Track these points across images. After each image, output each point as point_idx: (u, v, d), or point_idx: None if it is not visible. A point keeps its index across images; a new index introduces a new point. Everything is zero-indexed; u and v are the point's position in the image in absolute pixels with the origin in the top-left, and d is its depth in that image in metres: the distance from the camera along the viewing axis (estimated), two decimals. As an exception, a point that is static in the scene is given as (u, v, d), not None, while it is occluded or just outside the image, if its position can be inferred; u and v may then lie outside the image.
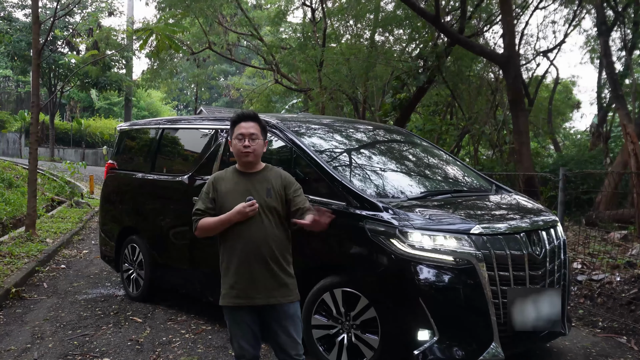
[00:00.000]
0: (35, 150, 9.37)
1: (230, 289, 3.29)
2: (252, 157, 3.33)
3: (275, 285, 3.25)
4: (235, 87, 30.98)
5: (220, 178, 3.41)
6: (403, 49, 15.70)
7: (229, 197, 3.29)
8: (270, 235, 3.26)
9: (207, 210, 3.34)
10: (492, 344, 3.84)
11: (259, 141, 3.36)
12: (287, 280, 3.30)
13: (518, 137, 10.33)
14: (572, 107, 24.21)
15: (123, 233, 6.66)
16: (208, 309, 5.91)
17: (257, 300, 3.24)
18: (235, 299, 3.27)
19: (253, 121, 3.39)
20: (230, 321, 3.35)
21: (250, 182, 3.34)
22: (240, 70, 46.73)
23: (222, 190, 3.34)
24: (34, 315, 5.83)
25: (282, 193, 3.33)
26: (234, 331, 3.35)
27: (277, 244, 3.29)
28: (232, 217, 3.20)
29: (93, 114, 47.15)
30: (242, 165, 3.40)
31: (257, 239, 3.23)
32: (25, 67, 32.31)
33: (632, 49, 13.69)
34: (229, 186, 3.35)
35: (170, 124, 6.61)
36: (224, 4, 16.34)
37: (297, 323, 3.35)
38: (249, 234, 3.23)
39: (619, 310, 5.83)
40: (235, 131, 3.37)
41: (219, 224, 3.25)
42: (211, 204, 3.35)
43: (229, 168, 3.49)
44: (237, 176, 3.39)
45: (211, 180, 3.42)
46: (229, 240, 3.30)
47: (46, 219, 11.21)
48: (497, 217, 4.42)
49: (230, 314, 3.34)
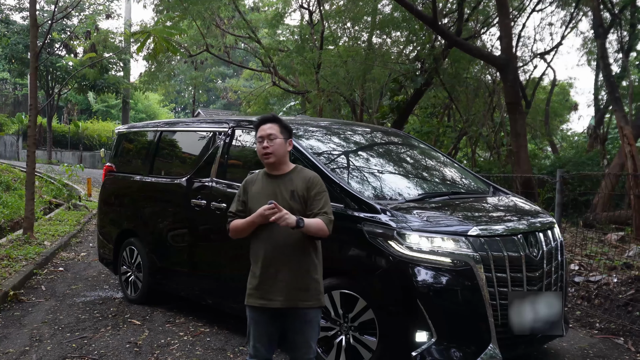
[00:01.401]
0: (32, 153, 9.35)
1: (254, 290, 3.33)
2: (272, 158, 3.34)
3: (298, 289, 3.26)
4: (233, 90, 30.97)
5: (250, 181, 3.46)
6: (400, 52, 15.74)
7: (258, 200, 3.32)
8: (294, 239, 3.26)
9: (238, 213, 3.41)
10: (490, 346, 3.85)
11: (278, 141, 3.35)
12: (310, 285, 3.30)
13: (515, 139, 10.36)
14: (569, 109, 24.28)
15: (121, 236, 6.66)
16: (206, 311, 5.91)
17: (277, 303, 3.26)
18: (258, 300, 3.30)
19: (271, 122, 3.41)
20: (251, 321, 3.38)
21: (277, 185, 3.36)
22: (238, 72, 46.70)
23: (252, 193, 3.39)
24: (32, 318, 5.83)
25: (305, 195, 3.34)
26: (253, 331, 3.37)
27: (301, 247, 3.29)
28: (255, 220, 3.23)
29: (91, 116, 47.13)
30: (268, 168, 3.43)
31: (282, 242, 3.26)
32: (23, 70, 32.29)
33: (628, 51, 13.70)
34: (258, 189, 3.39)
35: (168, 126, 6.62)
36: (222, 7, 16.36)
37: (314, 328, 3.37)
38: (274, 237, 3.27)
39: (616, 311, 5.85)
40: (257, 135, 3.41)
41: (247, 225, 3.30)
42: (242, 206, 3.41)
43: (260, 171, 3.51)
44: (266, 179, 3.42)
45: (243, 184, 3.49)
46: (256, 242, 3.35)
47: (44, 222, 11.20)
48: (494, 219, 4.44)
49: (252, 313, 3.37)
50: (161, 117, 47.09)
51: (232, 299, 5.20)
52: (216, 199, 5.23)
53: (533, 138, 18.81)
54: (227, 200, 5.14)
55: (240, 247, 5.01)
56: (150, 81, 21.27)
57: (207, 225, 5.42)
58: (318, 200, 3.32)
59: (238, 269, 5.10)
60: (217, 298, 5.41)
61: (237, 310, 5.21)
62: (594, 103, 17.60)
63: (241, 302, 3.31)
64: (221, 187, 5.27)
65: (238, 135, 5.43)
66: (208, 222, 5.38)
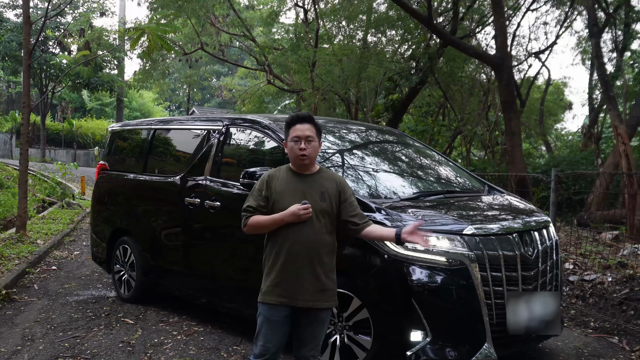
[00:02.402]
0: (26, 151, 9.30)
1: (274, 287, 3.26)
2: (307, 160, 3.29)
3: (318, 289, 3.25)
4: (227, 88, 30.92)
5: (274, 176, 3.37)
6: (395, 50, 15.73)
7: (284, 197, 3.26)
8: (320, 239, 3.25)
9: (259, 208, 3.31)
10: (485, 345, 3.84)
11: (314, 144, 3.31)
12: (330, 286, 3.30)
13: (510, 138, 10.37)
14: (563, 108, 24.34)
15: (115, 234, 6.62)
16: (200, 310, 5.88)
17: (299, 302, 3.23)
18: (278, 297, 3.24)
19: (309, 123, 3.33)
20: (264, 319, 3.29)
21: (306, 184, 3.31)
22: (233, 71, 46.67)
23: (277, 189, 3.30)
24: (24, 317, 5.78)
25: (337, 198, 3.32)
26: (264, 329, 3.29)
27: (326, 248, 3.28)
28: (286, 218, 3.19)
29: (84, 114, 46.92)
30: (298, 167, 3.36)
31: (307, 241, 3.22)
32: (16, 68, 32.08)
33: (623, 51, 13.76)
34: (283, 185, 3.31)
35: (162, 124, 6.59)
36: (216, 5, 16.29)
37: (324, 327, 3.39)
38: (300, 236, 3.22)
39: (610, 310, 5.86)
40: (291, 133, 3.32)
41: (272, 222, 3.24)
42: (264, 202, 3.31)
43: (283, 167, 3.44)
44: (291, 176, 3.35)
45: (264, 178, 3.37)
46: (279, 239, 3.27)
47: (37, 220, 11.14)
48: (489, 217, 4.43)
49: (267, 311, 3.29)
50: (155, 115, 46.91)
51: (226, 298, 5.18)
52: (210, 198, 5.20)
53: (527, 137, 18.86)
54: (221, 198, 5.12)
55: (235, 246, 5.02)
56: (145, 79, 21.20)
57: (201, 223, 5.39)
58: (352, 202, 3.37)
59: (232, 268, 5.11)
60: (211, 297, 5.38)
61: (231, 309, 5.20)
62: (589, 102, 17.65)
63: (235, 301, 3.28)
64: (215, 185, 5.25)
65: (232, 133, 5.40)
66: (202, 220, 5.35)
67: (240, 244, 4.87)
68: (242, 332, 5.22)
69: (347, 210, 3.35)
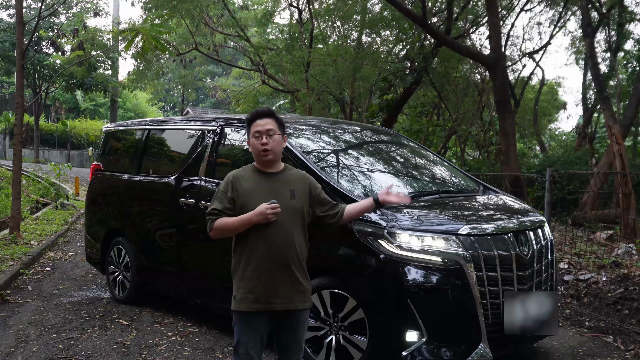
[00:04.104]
0: (19, 152, 9.26)
1: (247, 294, 3.13)
2: (271, 155, 3.20)
3: (295, 291, 3.16)
4: (222, 88, 30.82)
5: (239, 177, 3.24)
6: (390, 50, 15.75)
7: (251, 197, 3.14)
8: (294, 239, 3.16)
9: (225, 210, 3.17)
10: (481, 345, 3.84)
11: (276, 137, 3.21)
12: (306, 286, 3.23)
13: (504, 138, 10.39)
14: (557, 108, 24.42)
15: (109, 235, 6.59)
16: (195, 311, 5.87)
17: (276, 306, 3.12)
18: (254, 304, 3.12)
19: (269, 117, 3.24)
20: (242, 327, 3.18)
21: (273, 183, 3.22)
22: (227, 71, 46.57)
23: (244, 190, 3.18)
24: (18, 318, 5.75)
25: (307, 195, 3.27)
26: (244, 338, 3.17)
27: (300, 248, 3.20)
28: (253, 218, 3.06)
29: (78, 115, 46.75)
30: (263, 165, 3.26)
31: (281, 242, 3.12)
32: (10, 68, 31.98)
33: (616, 51, 13.81)
34: (250, 186, 3.20)
35: (156, 124, 6.57)
36: (211, 5, 16.27)
37: (305, 329, 3.32)
38: (272, 238, 3.11)
39: (605, 309, 5.87)
40: (252, 129, 3.22)
41: (239, 224, 3.11)
42: (230, 203, 3.18)
43: (248, 166, 3.34)
44: (257, 175, 3.25)
45: (229, 179, 3.24)
46: (249, 243, 3.15)
47: (31, 221, 11.08)
48: (484, 217, 4.43)
49: (243, 319, 3.17)
50: (150, 115, 46.79)
51: (221, 299, 5.16)
52: (205, 198, 5.18)
53: (522, 137, 18.91)
54: (216, 199, 5.09)
55: (229, 247, 4.99)
56: (139, 80, 21.12)
57: (196, 224, 5.37)
58: (323, 197, 3.36)
59: (227, 269, 5.08)
60: (206, 298, 5.37)
61: (226, 310, 5.17)
62: (582, 102, 17.72)
63: (229, 301, 3.23)
64: (210, 185, 5.23)
65: (227, 133, 5.39)
66: (196, 221, 5.33)
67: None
68: (237, 333, 5.20)
69: (320, 205, 3.31)
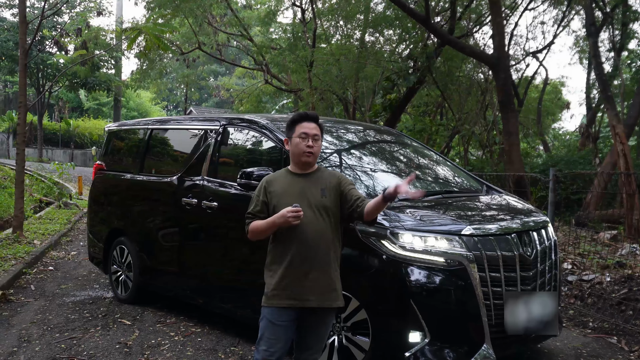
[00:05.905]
0: (22, 151, 9.27)
1: (281, 290, 3.18)
2: (312, 158, 3.27)
3: (328, 288, 3.21)
4: (225, 88, 30.83)
5: (272, 180, 3.33)
6: (393, 50, 15.73)
7: (282, 198, 3.21)
8: (326, 237, 3.21)
9: (257, 214, 3.26)
10: (484, 346, 3.82)
11: (320, 143, 3.31)
12: (338, 285, 3.27)
13: (508, 138, 10.36)
14: (561, 107, 24.36)
15: (111, 235, 6.59)
16: (197, 311, 5.86)
17: (310, 303, 3.17)
18: (287, 300, 3.17)
19: (315, 122, 3.31)
20: (269, 323, 3.20)
21: (305, 183, 3.27)
22: (230, 70, 46.55)
23: (276, 191, 3.25)
24: (20, 318, 5.75)
25: (337, 190, 3.28)
26: (268, 334, 3.20)
27: (333, 246, 3.25)
28: (276, 221, 3.11)
29: (82, 114, 46.85)
30: (300, 166, 3.31)
31: (314, 240, 3.17)
32: (13, 67, 31.97)
33: (620, 50, 13.75)
34: (282, 187, 3.27)
35: (159, 124, 6.56)
36: (214, 4, 16.26)
37: (328, 330, 3.36)
38: (306, 235, 3.15)
39: (609, 310, 5.85)
40: (297, 130, 3.27)
41: (267, 226, 3.18)
42: (262, 207, 3.26)
43: (281, 170, 3.41)
44: (290, 177, 3.32)
45: (262, 183, 3.33)
46: (283, 241, 3.22)
47: (34, 221, 11.09)
48: (488, 217, 4.41)
49: (272, 315, 3.20)
50: (153, 115, 46.82)
51: (223, 299, 5.16)
52: (207, 198, 5.17)
53: (525, 137, 18.85)
54: (218, 198, 5.09)
55: (232, 246, 4.99)
56: (142, 79, 21.17)
57: (198, 224, 5.37)
58: (353, 190, 3.31)
59: (230, 269, 5.08)
60: (209, 298, 5.36)
61: (228, 310, 5.18)
62: (586, 102, 17.69)
63: (231, 302, 3.24)
64: (212, 185, 5.22)
65: (230, 133, 5.38)
66: (199, 220, 5.32)
67: (238, 245, 4.84)
68: (240, 333, 5.20)
69: (345, 202, 3.27)
